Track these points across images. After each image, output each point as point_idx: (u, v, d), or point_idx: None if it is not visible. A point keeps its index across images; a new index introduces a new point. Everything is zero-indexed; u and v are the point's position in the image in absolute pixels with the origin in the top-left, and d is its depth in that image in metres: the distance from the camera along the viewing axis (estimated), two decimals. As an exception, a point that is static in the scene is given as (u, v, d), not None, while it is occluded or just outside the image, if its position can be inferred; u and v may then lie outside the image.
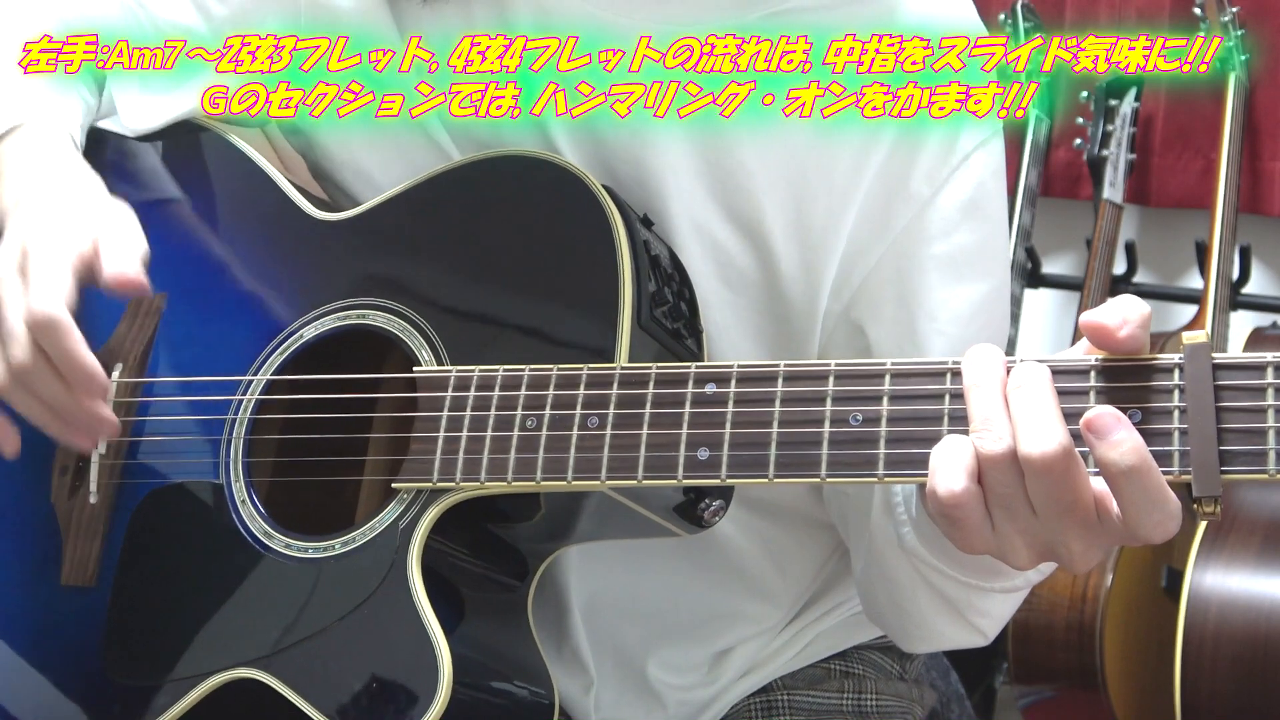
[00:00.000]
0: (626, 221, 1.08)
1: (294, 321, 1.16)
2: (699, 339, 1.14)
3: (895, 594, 1.19)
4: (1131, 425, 0.88)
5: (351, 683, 1.03)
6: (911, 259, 1.16)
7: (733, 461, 0.98)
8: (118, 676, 1.12)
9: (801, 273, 1.17)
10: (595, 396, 1.02)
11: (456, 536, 1.08)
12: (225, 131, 1.26)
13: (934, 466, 0.91)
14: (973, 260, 1.17)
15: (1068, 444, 0.88)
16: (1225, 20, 2.64)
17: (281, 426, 1.14)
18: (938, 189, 1.15)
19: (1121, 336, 0.91)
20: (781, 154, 1.15)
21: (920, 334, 1.15)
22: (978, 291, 1.17)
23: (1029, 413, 0.89)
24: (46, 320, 1.05)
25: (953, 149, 1.16)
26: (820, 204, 1.16)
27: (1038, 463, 0.88)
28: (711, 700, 1.33)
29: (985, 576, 1.11)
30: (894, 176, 1.15)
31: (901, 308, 1.16)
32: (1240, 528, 2.32)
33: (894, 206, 1.16)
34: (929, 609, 1.16)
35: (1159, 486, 0.88)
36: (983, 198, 1.17)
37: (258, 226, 1.22)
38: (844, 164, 1.15)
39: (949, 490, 0.90)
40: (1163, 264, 2.89)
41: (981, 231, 1.17)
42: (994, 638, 1.21)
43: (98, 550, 1.15)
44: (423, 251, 1.15)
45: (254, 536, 1.11)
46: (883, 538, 1.16)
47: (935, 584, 1.13)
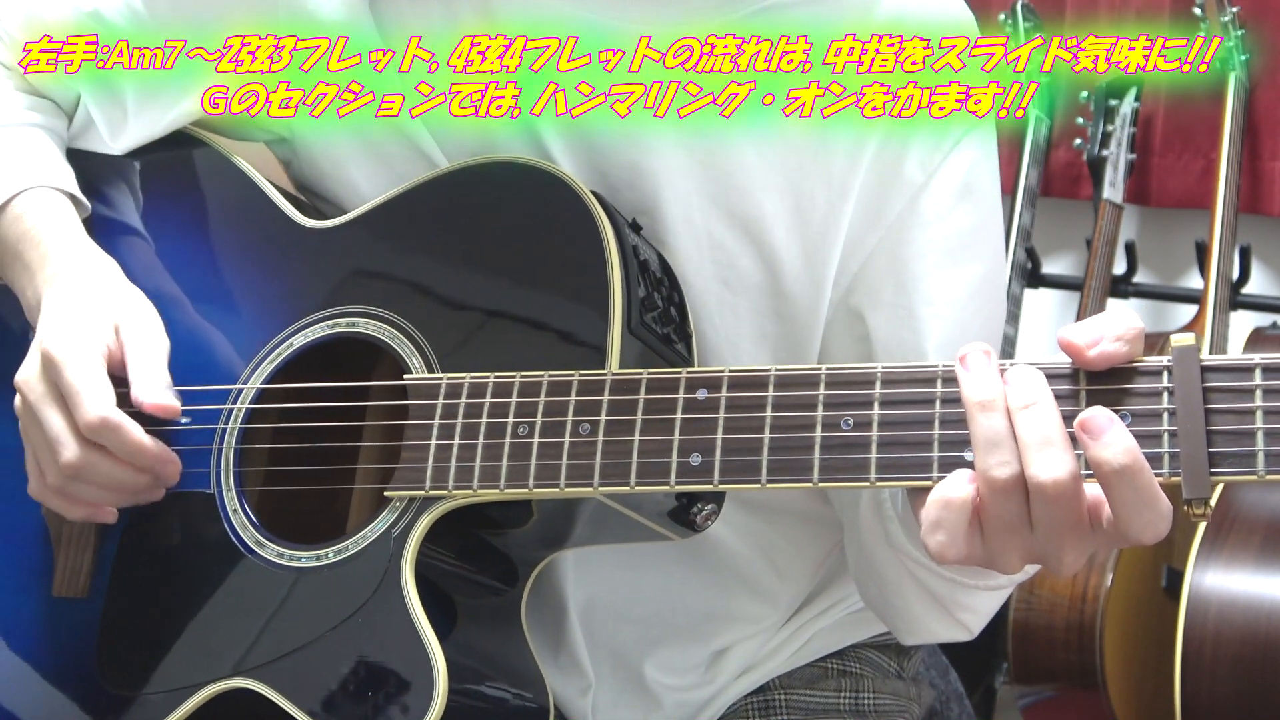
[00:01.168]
0: (615, 227, 1.08)
1: (284, 329, 1.16)
2: (689, 343, 1.14)
3: (884, 588, 1.20)
4: (1124, 425, 0.88)
5: (346, 691, 1.03)
6: (908, 245, 1.16)
7: (725, 467, 0.98)
8: (112, 687, 1.12)
9: (804, 268, 1.17)
10: (587, 403, 1.02)
11: (449, 544, 1.08)
12: (213, 141, 1.26)
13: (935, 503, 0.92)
14: (968, 243, 1.18)
15: (1075, 469, 0.89)
16: (1225, 20, 2.64)
17: (272, 435, 1.15)
18: (931, 174, 1.16)
19: (1092, 356, 0.91)
20: (779, 151, 1.16)
21: (919, 318, 1.16)
22: (974, 274, 1.18)
23: (1038, 437, 0.90)
24: (104, 424, 1.09)
25: (944, 135, 1.16)
26: (819, 197, 1.16)
27: (1050, 489, 0.89)
28: (709, 700, 1.33)
29: (971, 574, 1.12)
30: (888, 164, 1.16)
31: (900, 293, 1.16)
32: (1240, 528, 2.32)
33: (888, 193, 1.16)
34: (915, 604, 1.17)
35: (1150, 486, 0.89)
36: (975, 181, 1.18)
37: (246, 234, 1.22)
38: (840, 156, 1.16)
39: (951, 541, 0.92)
40: (1163, 264, 2.88)
41: (975, 214, 1.18)
42: (979, 633, 1.21)
43: (89, 561, 1.16)
44: (412, 258, 1.15)
45: (246, 546, 1.11)
46: (870, 534, 1.16)
47: (921, 579, 1.14)
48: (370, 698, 1.02)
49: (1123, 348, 0.92)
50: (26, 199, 1.21)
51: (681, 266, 1.16)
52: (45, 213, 1.20)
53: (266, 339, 1.16)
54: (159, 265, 1.23)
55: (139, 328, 1.15)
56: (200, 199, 1.26)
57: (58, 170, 1.24)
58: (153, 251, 1.24)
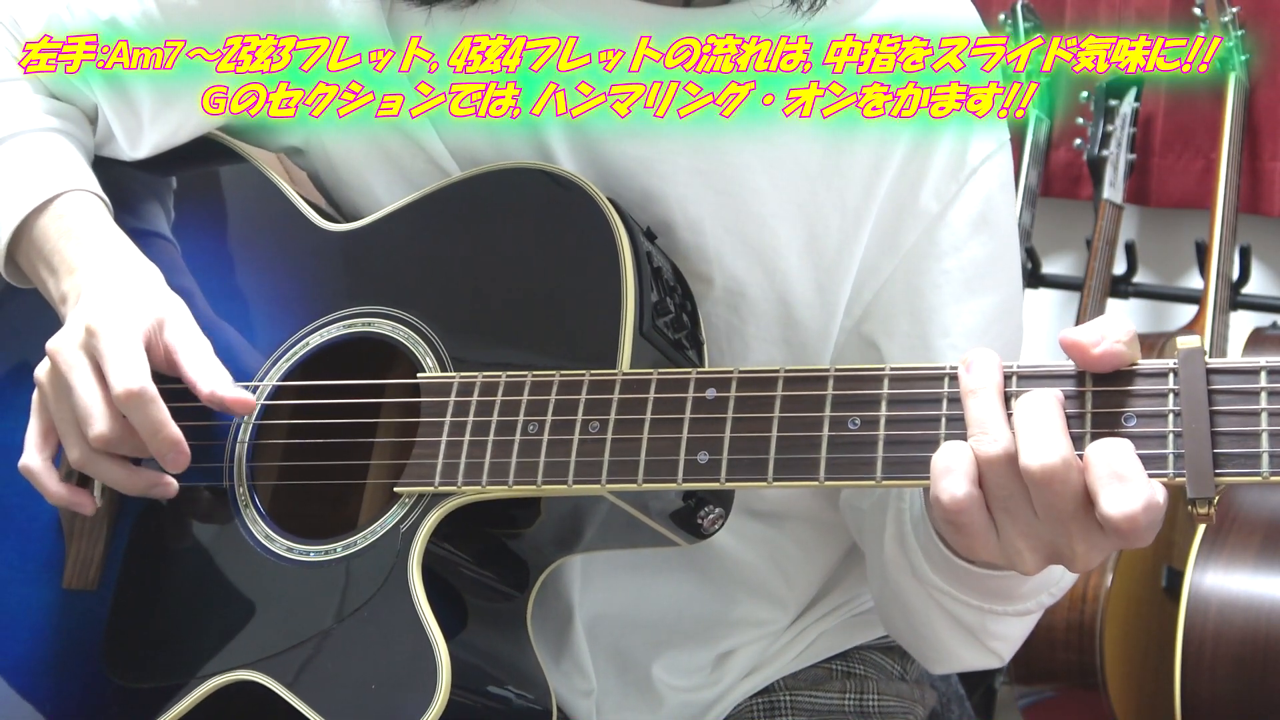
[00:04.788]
0: (630, 232, 1.08)
1: (300, 329, 1.17)
2: (700, 350, 1.14)
3: (912, 619, 1.19)
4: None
5: (350, 685, 1.03)
6: (923, 275, 1.16)
7: (732, 465, 0.99)
8: (118, 678, 1.13)
9: (816, 296, 1.17)
10: (597, 401, 1.03)
11: (457, 542, 1.09)
12: (234, 145, 1.26)
13: (936, 472, 0.93)
14: (984, 274, 1.18)
15: (1069, 456, 0.90)
16: (1225, 20, 2.64)
17: (286, 432, 1.15)
18: (947, 204, 1.16)
19: (1096, 354, 0.92)
20: (792, 177, 1.16)
21: (934, 350, 1.16)
22: (989, 304, 1.18)
23: (1031, 424, 0.91)
24: (136, 394, 1.07)
25: (961, 164, 1.16)
26: (834, 225, 1.16)
27: (1038, 474, 0.90)
28: (714, 701, 1.33)
29: (999, 601, 1.11)
30: (904, 193, 1.16)
31: (915, 323, 1.17)
32: (1240, 528, 2.32)
33: (904, 223, 1.16)
34: (945, 634, 1.17)
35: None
36: (991, 211, 1.18)
37: (265, 236, 1.23)
38: (856, 185, 1.15)
39: (952, 496, 0.92)
40: (1163, 264, 2.89)
41: (991, 245, 1.18)
42: (1009, 659, 1.21)
43: (100, 554, 1.16)
44: (428, 261, 1.16)
45: (256, 540, 1.11)
46: (896, 567, 1.16)
47: (950, 610, 1.13)
48: (374, 691, 1.02)
49: (1125, 350, 0.93)
50: (68, 200, 1.20)
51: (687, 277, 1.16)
52: (89, 213, 1.20)
53: (283, 338, 1.17)
54: (179, 263, 1.24)
55: (186, 325, 1.14)
56: (221, 201, 1.27)
57: (88, 175, 1.23)
58: (173, 250, 1.25)
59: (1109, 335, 0.92)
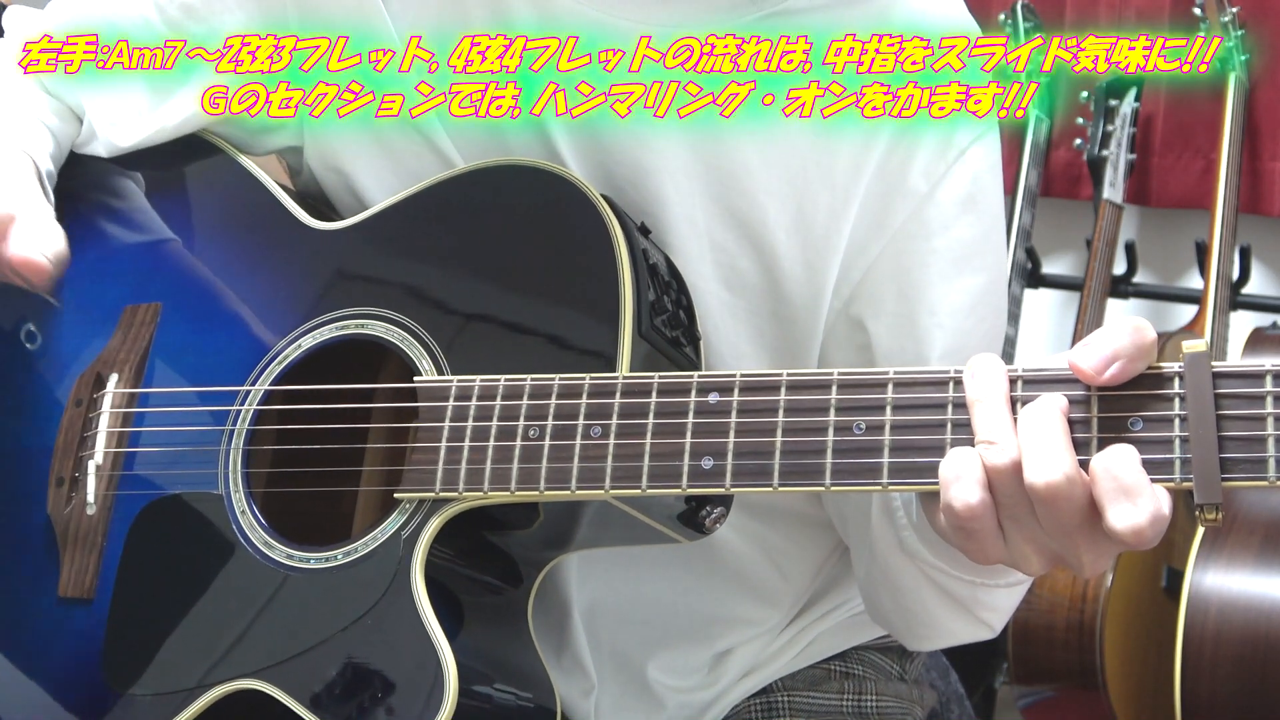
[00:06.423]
0: (626, 231, 1.08)
1: (293, 331, 1.16)
2: (696, 346, 1.14)
3: (900, 597, 1.20)
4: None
5: (356, 693, 1.02)
6: (911, 254, 1.17)
7: (737, 471, 0.98)
8: (118, 687, 1.12)
9: (804, 273, 1.18)
10: (598, 406, 1.02)
11: (457, 546, 1.08)
12: (223, 145, 1.25)
13: (947, 480, 0.92)
14: (971, 254, 1.18)
15: (1072, 472, 0.89)
16: (1225, 20, 2.64)
17: (280, 437, 1.14)
18: (935, 184, 1.16)
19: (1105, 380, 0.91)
20: (782, 154, 1.16)
21: (921, 328, 1.16)
22: (976, 284, 1.18)
23: (1035, 438, 0.90)
24: None
25: (949, 144, 1.16)
26: (822, 202, 1.16)
27: (1043, 491, 0.89)
28: (712, 702, 1.33)
29: (990, 574, 1.12)
30: (892, 173, 1.16)
31: (902, 302, 1.17)
32: (1240, 528, 2.32)
33: (892, 202, 1.16)
34: (936, 608, 1.17)
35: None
36: (979, 192, 1.18)
37: (255, 236, 1.22)
38: (844, 162, 1.16)
39: (965, 503, 0.91)
40: (1163, 264, 2.89)
41: (979, 225, 1.18)
42: (1001, 629, 1.22)
43: (96, 562, 1.15)
44: (421, 260, 1.15)
45: (255, 547, 1.10)
46: (884, 543, 1.16)
47: (940, 584, 1.14)
48: (379, 699, 1.02)
49: (1138, 366, 0.91)
50: None
51: (683, 266, 1.16)
52: None
53: (275, 341, 1.16)
54: (169, 267, 1.23)
55: (35, 222, 1.14)
56: (209, 201, 1.26)
57: (27, 136, 1.23)
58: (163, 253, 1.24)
59: (1121, 356, 0.91)
